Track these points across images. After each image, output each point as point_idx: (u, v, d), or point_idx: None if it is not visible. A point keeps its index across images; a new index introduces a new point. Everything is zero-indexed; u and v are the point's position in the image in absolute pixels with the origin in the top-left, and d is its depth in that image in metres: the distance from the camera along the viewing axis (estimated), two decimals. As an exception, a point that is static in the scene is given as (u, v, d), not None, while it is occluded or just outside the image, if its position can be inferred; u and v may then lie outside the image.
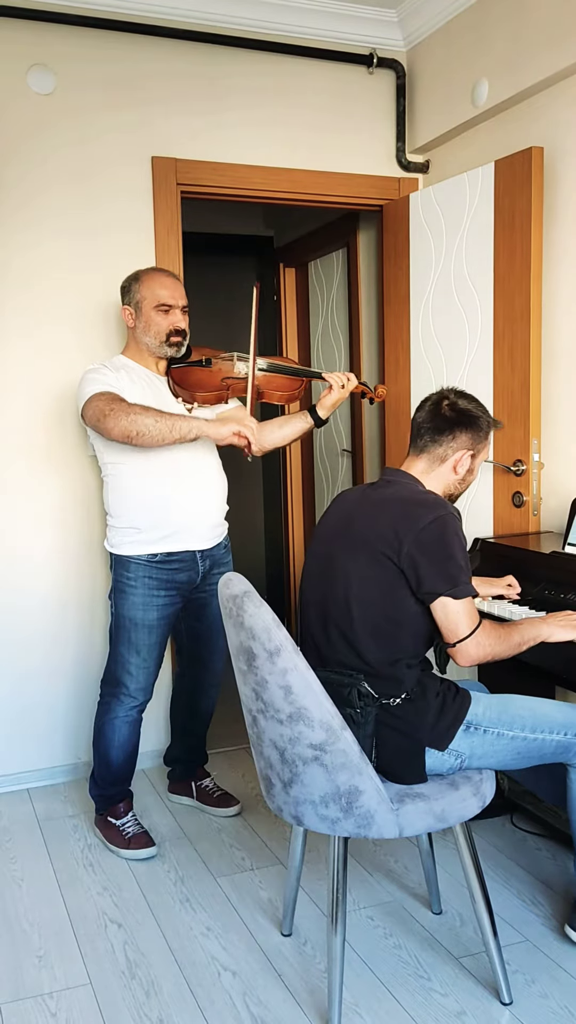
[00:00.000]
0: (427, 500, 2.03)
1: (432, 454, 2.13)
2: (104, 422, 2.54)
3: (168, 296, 2.73)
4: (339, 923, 1.96)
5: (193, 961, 2.27)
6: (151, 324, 2.73)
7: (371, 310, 4.15)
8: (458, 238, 3.28)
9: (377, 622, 2.00)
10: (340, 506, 2.19)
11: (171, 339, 2.73)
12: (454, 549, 1.96)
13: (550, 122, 2.97)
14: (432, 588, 1.94)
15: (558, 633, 2.11)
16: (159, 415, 2.54)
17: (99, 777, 2.91)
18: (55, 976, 2.23)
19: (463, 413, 2.12)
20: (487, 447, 2.19)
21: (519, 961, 2.21)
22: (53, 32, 3.10)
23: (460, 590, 1.95)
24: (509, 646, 2.04)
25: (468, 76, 3.24)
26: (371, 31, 3.52)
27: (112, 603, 2.84)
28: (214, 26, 3.28)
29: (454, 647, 1.98)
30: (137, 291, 2.75)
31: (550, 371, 3.04)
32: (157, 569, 2.76)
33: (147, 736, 3.32)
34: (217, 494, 2.85)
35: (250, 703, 1.99)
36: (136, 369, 2.77)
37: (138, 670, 2.81)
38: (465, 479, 2.17)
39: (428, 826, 1.96)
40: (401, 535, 1.95)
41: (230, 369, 2.79)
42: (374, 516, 2.04)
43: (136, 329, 2.76)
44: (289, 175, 3.49)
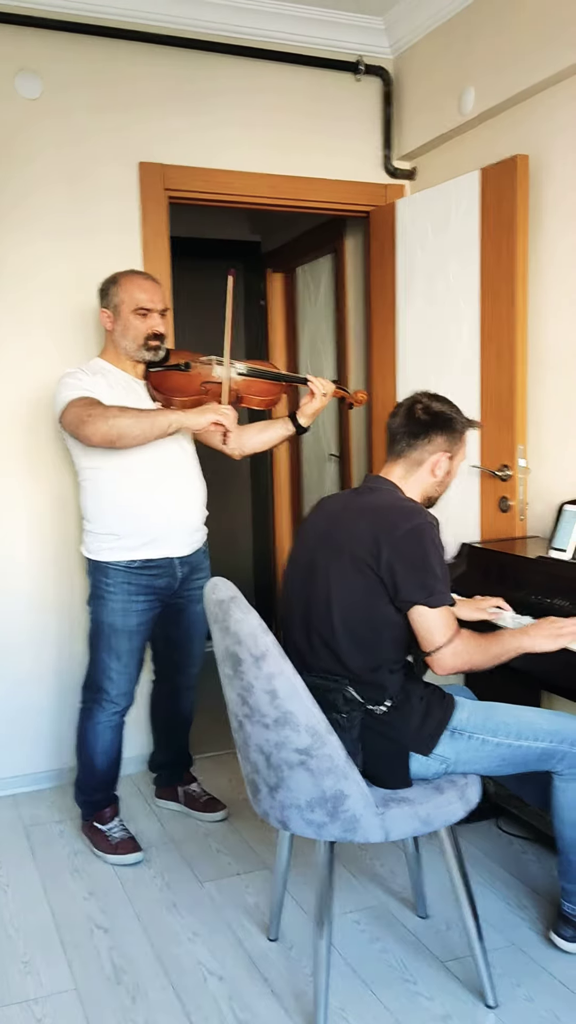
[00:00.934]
0: (406, 508, 2.03)
1: (409, 459, 2.14)
2: (83, 428, 2.53)
3: (147, 300, 2.71)
4: (325, 927, 1.97)
5: (179, 966, 2.27)
6: (129, 328, 2.70)
7: (358, 315, 4.17)
8: (445, 244, 3.30)
9: (358, 629, 2.00)
10: (322, 512, 2.19)
11: (149, 343, 2.71)
12: (431, 558, 1.96)
13: (535, 130, 2.99)
14: (408, 596, 1.95)
15: (541, 643, 2.10)
16: (137, 414, 2.53)
17: (84, 783, 2.89)
18: (40, 982, 2.22)
19: (437, 415, 2.13)
20: (464, 447, 2.19)
21: (504, 965, 2.22)
22: (41, 37, 3.10)
23: (436, 599, 1.95)
24: (487, 657, 2.04)
25: (454, 84, 3.26)
26: (358, 38, 3.54)
27: (91, 609, 2.82)
28: (202, 32, 3.30)
29: (430, 656, 1.99)
30: (116, 294, 2.72)
31: (536, 377, 3.05)
32: (136, 575, 2.75)
33: (132, 741, 3.31)
34: (196, 500, 2.84)
35: (236, 707, 1.99)
36: (114, 373, 2.75)
37: (119, 675, 2.80)
38: (444, 481, 2.17)
39: (414, 830, 1.96)
40: (380, 542, 1.96)
41: (208, 373, 2.78)
42: (355, 523, 2.04)
43: (114, 332, 2.74)
44: (276, 181, 3.50)
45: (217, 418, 2.58)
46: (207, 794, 3.12)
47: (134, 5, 3.16)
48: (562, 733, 2.08)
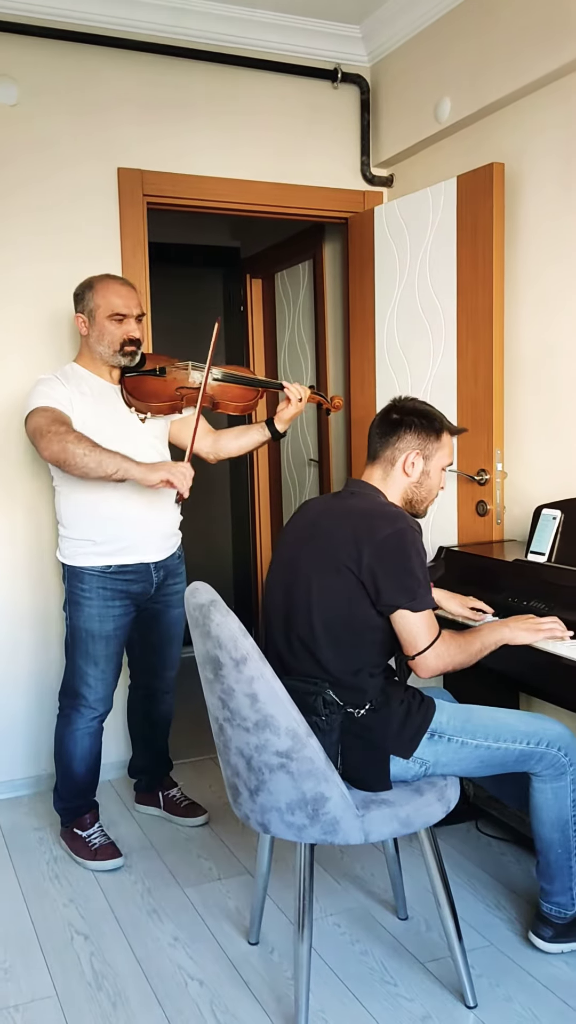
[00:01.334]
0: (388, 512, 2.04)
1: (383, 459, 2.15)
2: (39, 441, 2.53)
3: (122, 305, 2.69)
4: (306, 930, 1.97)
5: (160, 971, 2.27)
6: (105, 333, 2.68)
7: (337, 321, 4.19)
8: (422, 251, 3.33)
9: (338, 633, 2.01)
10: (304, 515, 2.19)
11: (125, 348, 2.69)
12: (413, 562, 1.97)
13: (511, 138, 3.03)
14: (390, 600, 1.96)
15: (520, 636, 2.14)
16: (91, 448, 2.49)
17: (63, 790, 2.88)
18: (21, 989, 2.21)
19: (409, 413, 2.15)
20: (443, 451, 2.17)
21: (484, 965, 2.24)
22: (17, 43, 3.10)
23: (418, 603, 1.96)
24: (470, 654, 2.06)
25: (431, 93, 3.30)
26: (336, 47, 3.56)
27: (67, 615, 2.80)
28: (180, 39, 3.31)
29: (414, 659, 2.00)
30: (91, 299, 2.70)
31: (512, 382, 3.09)
32: (111, 580, 2.74)
33: (111, 747, 3.31)
34: (170, 505, 2.81)
35: (216, 711, 2.00)
36: (89, 379, 2.73)
37: (96, 681, 2.79)
38: (422, 483, 2.15)
39: (393, 832, 1.98)
40: (361, 546, 1.97)
41: (184, 379, 2.78)
42: (337, 527, 2.04)
43: (89, 337, 2.72)
44: (255, 187, 3.52)
45: (168, 477, 2.52)
46: (187, 799, 3.12)
47: (113, 12, 3.17)
48: (539, 735, 2.10)
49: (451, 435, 2.21)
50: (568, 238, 2.83)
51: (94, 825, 2.86)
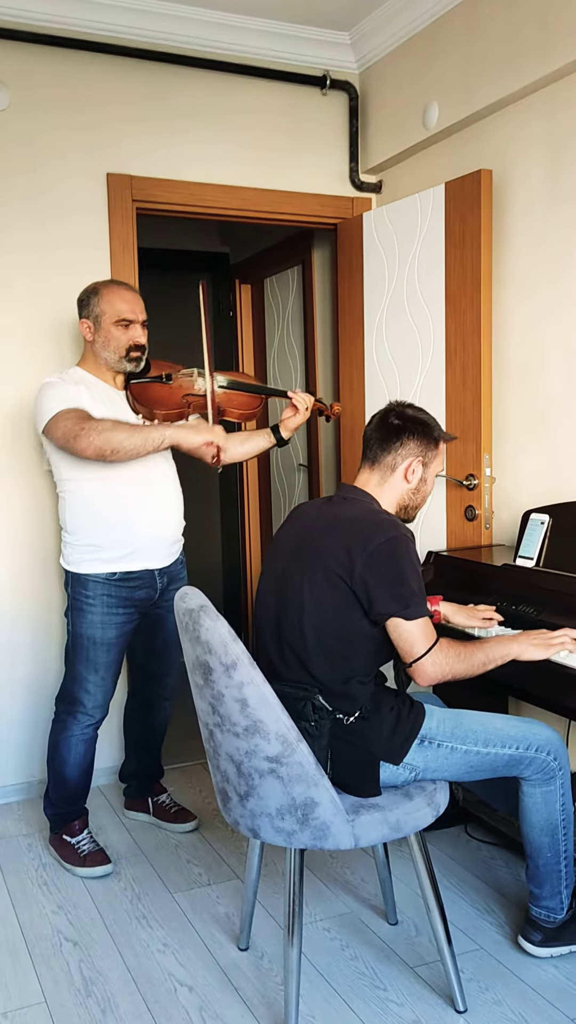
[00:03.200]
0: (381, 521, 2.02)
1: (383, 464, 2.13)
2: (77, 442, 2.51)
3: (128, 311, 2.70)
4: (296, 936, 1.97)
5: (150, 977, 2.26)
6: (111, 339, 2.69)
7: (326, 326, 4.20)
8: (410, 257, 3.34)
9: (330, 642, 2.00)
10: (296, 521, 2.18)
11: (131, 354, 2.70)
12: (406, 571, 1.96)
13: (499, 145, 3.04)
14: (384, 610, 1.96)
15: (530, 652, 2.10)
16: (130, 428, 2.54)
17: (54, 795, 2.86)
18: (9, 995, 2.20)
19: (410, 420, 2.14)
20: (439, 458, 2.19)
21: (473, 969, 2.24)
22: (7, 48, 3.10)
23: (412, 611, 1.96)
24: (472, 665, 2.03)
25: (419, 99, 3.31)
26: (324, 53, 3.58)
27: (69, 621, 2.80)
28: (170, 45, 3.32)
29: (411, 667, 2.00)
30: (96, 304, 2.70)
31: (501, 387, 3.10)
32: (116, 587, 2.73)
33: (102, 753, 3.30)
34: (175, 512, 2.84)
35: (206, 717, 2.00)
36: (94, 383, 2.73)
37: (95, 688, 2.78)
38: (419, 489, 2.15)
39: (383, 836, 1.98)
40: (354, 556, 1.96)
41: (191, 386, 2.78)
42: (329, 536, 2.03)
43: (95, 343, 2.72)
44: (244, 193, 3.53)
45: (211, 438, 2.62)
46: (177, 805, 3.11)
47: (103, 17, 3.18)
48: (529, 739, 2.11)
49: (445, 443, 2.23)
50: (556, 243, 2.85)
51: (83, 832, 2.85)
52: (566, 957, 2.26)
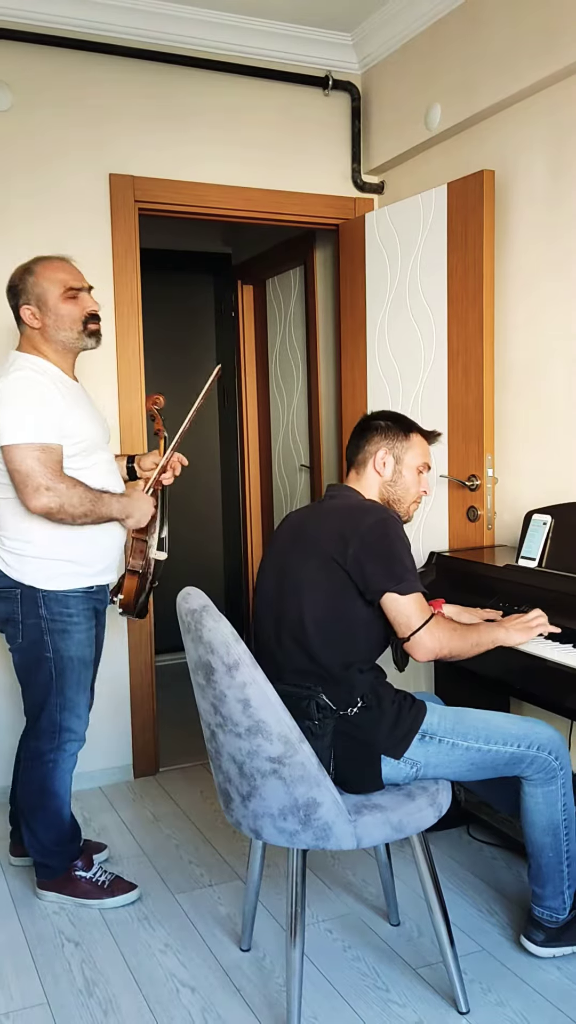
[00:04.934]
0: (368, 506, 2.13)
1: (357, 462, 2.26)
2: (32, 496, 2.30)
3: (72, 279, 2.44)
4: (298, 936, 1.97)
5: (151, 978, 2.26)
6: (63, 315, 2.42)
7: (328, 327, 4.20)
8: (412, 258, 3.34)
9: (329, 625, 2.04)
10: (289, 523, 2.26)
11: (89, 326, 2.46)
12: (397, 549, 2.03)
13: (501, 145, 3.04)
14: (378, 586, 2.01)
15: (515, 636, 2.18)
16: (90, 502, 2.37)
17: (51, 841, 2.56)
18: (11, 996, 2.20)
19: (379, 418, 2.28)
20: (415, 451, 2.24)
21: (476, 970, 2.24)
22: (10, 49, 3.10)
23: (406, 586, 2.01)
24: (466, 644, 2.09)
25: (421, 100, 3.31)
26: (327, 54, 3.58)
27: (48, 647, 2.46)
28: (172, 46, 3.32)
29: (409, 640, 2.02)
30: (35, 284, 2.42)
31: (503, 388, 3.10)
32: (91, 599, 2.53)
33: (93, 753, 3.29)
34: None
35: (208, 717, 2.00)
36: (63, 377, 2.48)
37: (84, 710, 2.57)
38: (396, 481, 2.22)
39: (385, 836, 1.98)
40: (347, 538, 2.03)
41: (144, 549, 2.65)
42: (321, 525, 2.12)
43: (46, 328, 2.43)
44: (246, 193, 3.53)
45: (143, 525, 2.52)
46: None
47: (105, 18, 3.18)
48: (530, 738, 2.11)
49: (423, 437, 2.28)
50: (558, 243, 2.85)
51: (94, 862, 2.67)
52: (569, 958, 2.26)
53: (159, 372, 5.03)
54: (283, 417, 4.81)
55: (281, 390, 4.81)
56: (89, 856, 2.65)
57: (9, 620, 2.48)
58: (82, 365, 3.23)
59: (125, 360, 3.37)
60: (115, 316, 3.33)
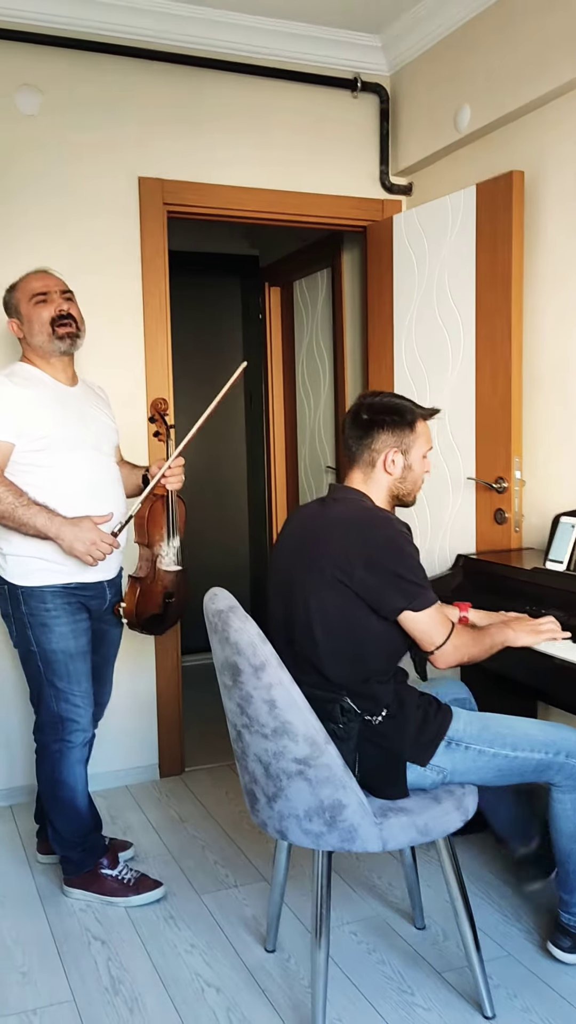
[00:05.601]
0: (373, 520, 2.02)
1: (363, 461, 2.12)
2: None
3: (41, 285, 2.54)
4: (323, 938, 1.97)
5: (177, 978, 2.27)
6: (34, 320, 2.52)
7: (355, 329, 4.20)
8: (440, 259, 3.33)
9: (339, 644, 2.00)
10: (294, 525, 2.18)
11: (57, 326, 2.51)
12: (405, 566, 1.97)
13: (531, 147, 3.03)
14: (392, 605, 1.97)
15: (523, 638, 2.17)
16: (12, 509, 2.39)
17: (69, 835, 2.61)
18: (39, 992, 2.22)
19: (380, 411, 2.12)
20: (421, 440, 2.13)
21: (501, 975, 2.23)
22: (41, 54, 3.13)
23: (419, 602, 1.97)
24: (483, 648, 2.09)
25: (451, 101, 3.30)
26: (355, 56, 3.58)
27: (32, 642, 2.53)
28: (201, 50, 3.33)
29: (433, 654, 2.02)
30: (14, 297, 2.58)
31: (531, 390, 3.08)
32: (73, 594, 2.56)
33: (109, 754, 3.30)
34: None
35: (235, 718, 2.00)
36: (47, 381, 2.56)
37: (82, 700, 2.58)
38: (405, 476, 2.12)
39: (411, 840, 1.97)
40: (352, 559, 1.96)
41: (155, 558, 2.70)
42: (325, 540, 2.02)
43: (26, 336, 2.55)
44: (274, 196, 3.54)
45: (93, 552, 2.44)
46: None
47: (134, 22, 3.20)
48: (558, 744, 2.09)
49: (425, 420, 2.16)
50: (588, 246, 2.83)
51: (120, 860, 2.69)
52: (596, 965, 2.24)
53: (186, 374, 5.05)
54: (309, 418, 4.81)
55: (308, 391, 4.81)
56: (115, 854, 2.68)
57: (4, 616, 2.62)
58: (111, 367, 3.28)
59: (153, 362, 3.39)
60: (144, 318, 3.35)
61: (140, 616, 2.69)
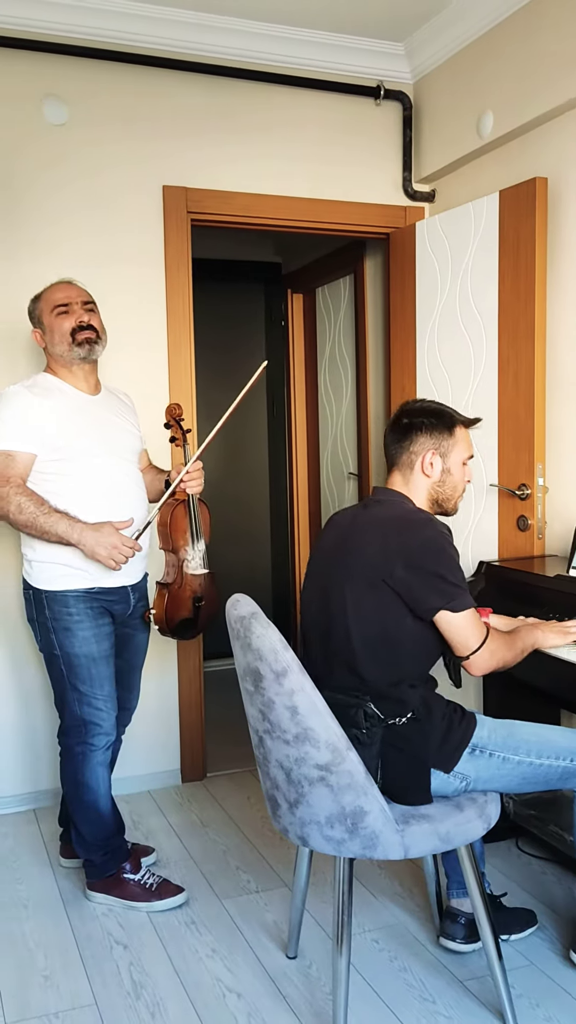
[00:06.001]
0: (415, 520, 2.04)
1: (402, 464, 2.15)
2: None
3: (63, 296, 2.59)
4: (344, 945, 1.97)
5: (198, 983, 2.27)
6: (55, 330, 2.57)
7: (377, 336, 4.20)
8: (463, 266, 3.33)
9: (376, 645, 2.01)
10: (333, 529, 2.20)
11: (77, 337, 2.56)
12: (445, 566, 1.98)
13: (554, 153, 3.02)
14: (430, 605, 1.97)
15: (552, 639, 2.19)
16: (30, 513, 2.43)
17: (93, 837, 2.63)
18: (61, 996, 2.23)
19: (419, 414, 2.15)
20: (460, 446, 2.15)
21: (524, 985, 2.21)
22: (67, 64, 3.17)
23: (458, 603, 1.97)
24: (515, 653, 2.09)
25: (474, 108, 3.30)
26: (378, 64, 3.59)
27: (56, 646, 2.57)
28: (224, 59, 3.36)
29: (468, 659, 2.01)
30: (36, 308, 2.63)
31: (554, 397, 3.07)
32: (96, 599, 2.59)
33: (133, 759, 3.31)
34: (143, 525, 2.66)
35: (257, 723, 2.01)
36: (67, 390, 2.60)
37: (105, 703, 2.60)
38: (444, 480, 2.14)
39: (433, 848, 1.97)
40: (391, 558, 1.98)
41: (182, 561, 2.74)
42: (365, 540, 2.05)
43: (48, 345, 2.61)
44: (297, 203, 3.55)
45: (115, 557, 2.47)
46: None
47: (158, 32, 3.23)
48: (583, 752, 2.08)
49: (465, 427, 2.18)
50: (612, 252, 2.82)
51: (142, 865, 2.70)
52: (619, 976, 2.23)
53: (208, 381, 5.07)
54: (331, 425, 4.82)
55: (330, 398, 4.82)
56: (137, 859, 2.69)
57: (31, 620, 2.66)
58: (135, 373, 3.30)
59: (177, 369, 3.41)
60: (167, 325, 3.38)
61: (171, 621, 2.72)
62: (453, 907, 2.35)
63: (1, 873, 2.85)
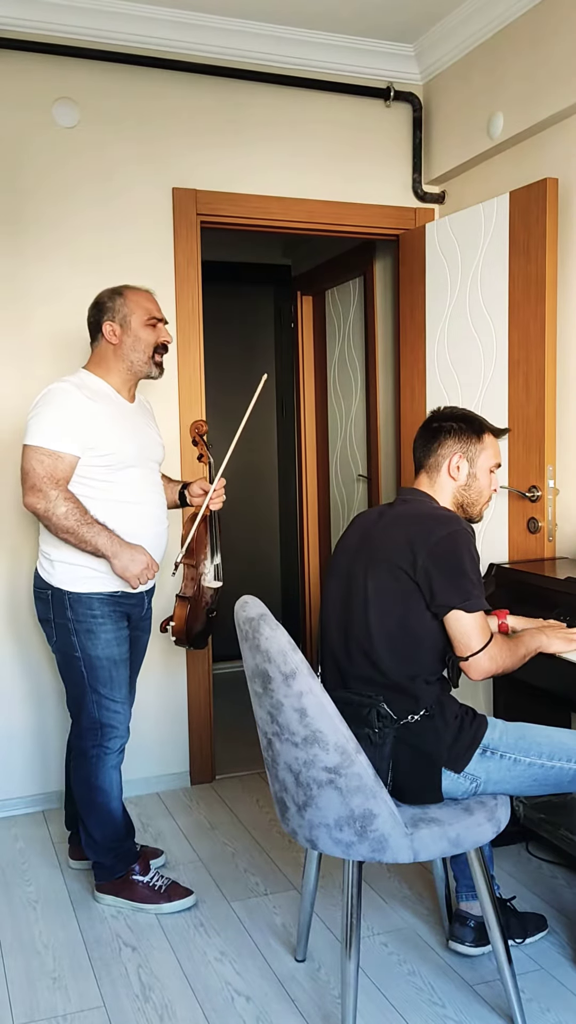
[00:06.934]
0: (441, 516, 2.07)
1: (429, 466, 2.19)
2: (28, 493, 2.44)
3: (156, 309, 2.62)
4: (353, 949, 1.96)
5: (207, 985, 2.27)
6: (140, 339, 2.57)
7: (387, 338, 4.20)
8: (473, 267, 3.32)
9: (395, 635, 2.02)
10: (358, 526, 2.23)
11: (156, 356, 2.61)
12: (466, 564, 1.99)
13: (564, 154, 3.01)
14: (445, 601, 1.98)
15: (554, 644, 2.18)
16: (74, 523, 2.43)
17: (104, 839, 2.62)
18: (69, 998, 2.23)
19: (449, 418, 2.20)
20: (488, 452, 2.18)
21: (533, 989, 2.20)
22: (77, 66, 3.18)
23: (472, 604, 1.98)
24: (516, 658, 2.09)
25: (484, 109, 3.30)
26: (388, 65, 3.58)
27: (77, 648, 2.56)
28: (234, 60, 3.36)
29: (467, 661, 2.01)
30: (123, 305, 2.57)
31: (565, 398, 3.06)
32: (118, 603, 2.60)
33: (142, 762, 3.31)
34: (164, 532, 2.70)
35: (265, 726, 2.00)
36: (112, 396, 2.59)
37: (123, 707, 2.62)
38: (470, 485, 2.17)
39: (443, 851, 1.96)
40: (416, 548, 1.99)
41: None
42: (391, 531, 2.08)
43: (121, 346, 2.57)
44: (307, 205, 3.55)
45: (142, 577, 2.51)
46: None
47: (168, 35, 3.23)
48: (595, 755, 2.07)
49: (494, 436, 2.22)
50: (623, 253, 2.80)
51: (151, 867, 2.71)
52: (630, 981, 2.21)
53: (218, 383, 5.08)
54: (341, 427, 4.81)
55: (339, 400, 4.82)
56: (146, 861, 2.69)
57: (45, 620, 2.63)
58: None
59: (186, 371, 3.41)
60: (177, 328, 3.38)
61: (190, 633, 2.75)
62: (462, 910, 2.34)
63: (10, 874, 2.85)
